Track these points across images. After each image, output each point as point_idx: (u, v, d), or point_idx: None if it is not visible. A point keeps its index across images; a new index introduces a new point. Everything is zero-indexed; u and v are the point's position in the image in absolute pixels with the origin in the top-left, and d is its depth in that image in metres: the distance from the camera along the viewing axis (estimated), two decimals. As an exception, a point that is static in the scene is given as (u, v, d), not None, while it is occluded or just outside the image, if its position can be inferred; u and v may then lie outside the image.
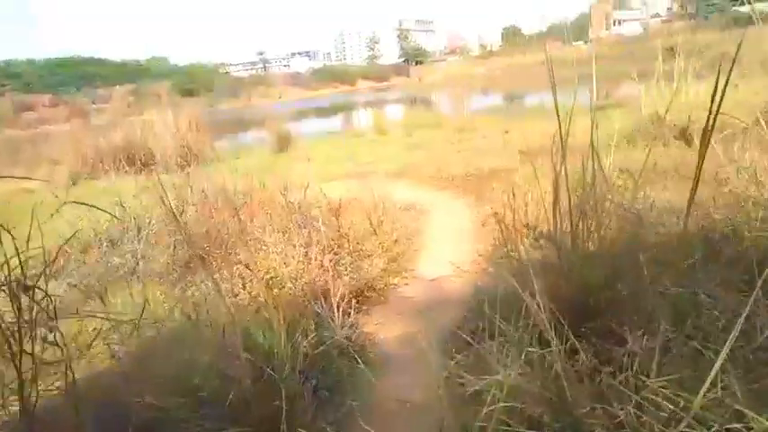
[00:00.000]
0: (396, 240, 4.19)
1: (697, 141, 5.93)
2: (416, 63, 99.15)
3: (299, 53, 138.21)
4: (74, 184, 11.52)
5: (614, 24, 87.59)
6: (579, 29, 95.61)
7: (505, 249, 3.73)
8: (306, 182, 7.26)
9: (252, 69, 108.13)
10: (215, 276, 2.97)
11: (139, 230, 4.40)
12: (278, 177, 8.25)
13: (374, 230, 4.11)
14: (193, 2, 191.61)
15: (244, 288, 3.10)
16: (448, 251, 4.12)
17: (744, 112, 6.66)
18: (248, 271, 3.08)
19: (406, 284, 3.51)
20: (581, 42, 79.12)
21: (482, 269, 3.60)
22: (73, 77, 68.63)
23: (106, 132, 13.81)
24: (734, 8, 64.54)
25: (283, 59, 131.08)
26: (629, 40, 59.20)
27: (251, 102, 68.59)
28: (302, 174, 8.60)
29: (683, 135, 6.01)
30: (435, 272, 3.68)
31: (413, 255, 4.06)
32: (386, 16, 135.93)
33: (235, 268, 3.23)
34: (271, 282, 3.12)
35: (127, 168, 11.85)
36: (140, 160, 12.08)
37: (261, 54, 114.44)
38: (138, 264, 3.91)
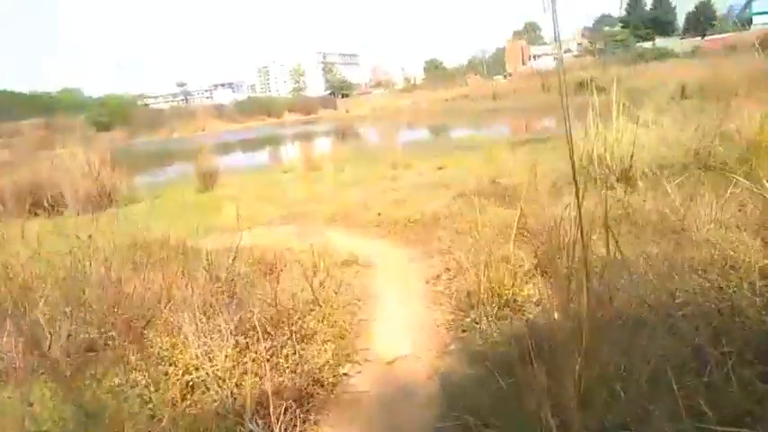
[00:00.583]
0: (341, 307, 3.63)
1: (641, 183, 5.85)
2: (343, 96, 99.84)
3: (222, 85, 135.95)
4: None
5: (530, 59, 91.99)
6: (497, 63, 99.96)
7: (469, 319, 3.29)
8: (231, 226, 6.63)
9: (173, 101, 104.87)
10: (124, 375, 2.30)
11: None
12: (201, 220, 7.55)
13: (316, 298, 3.54)
14: (108, 31, 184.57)
15: (157, 390, 2.44)
16: (401, 320, 3.60)
17: (680, 150, 6.66)
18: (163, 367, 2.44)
19: (359, 372, 2.91)
20: (500, 77, 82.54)
21: (444, 346, 3.10)
22: (-27, 110, 63.54)
23: (12, 170, 12.48)
24: (638, 44, 69.69)
25: (206, 91, 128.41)
26: (544, 73, 62.07)
27: (173, 135, 66.19)
28: (228, 216, 7.94)
29: (626, 177, 5.86)
30: (390, 351, 3.12)
31: (362, 328, 3.48)
32: (309, 48, 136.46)
33: (146, 363, 2.57)
34: (190, 385, 2.48)
35: (35, 211, 10.65)
36: (48, 201, 10.87)
37: (182, 85, 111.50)
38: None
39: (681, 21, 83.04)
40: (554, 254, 2.89)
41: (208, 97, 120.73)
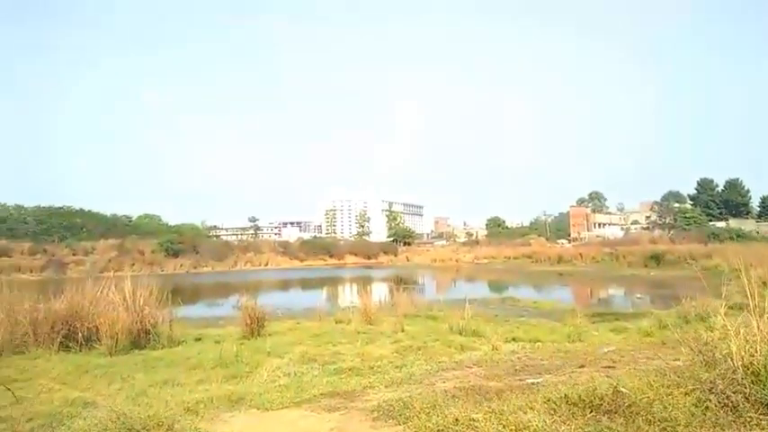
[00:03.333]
0: None
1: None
2: (405, 243, 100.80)
3: (291, 223, 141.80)
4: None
5: (595, 227, 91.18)
6: (560, 226, 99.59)
7: None
8: (262, 401, 5.30)
9: (242, 234, 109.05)
10: None
11: None
12: (231, 386, 6.28)
13: None
14: (192, 166, 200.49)
15: None
16: None
17: None
18: None
19: None
20: (564, 241, 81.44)
21: None
22: (59, 227, 67.13)
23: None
24: (711, 223, 67.90)
25: (275, 228, 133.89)
26: (611, 242, 60.61)
27: (236, 266, 67.54)
28: (263, 383, 6.65)
29: None
30: None
31: None
32: (376, 196, 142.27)
33: None
34: None
35: (68, 344, 9.79)
36: (82, 334, 10.02)
37: (253, 221, 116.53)
38: None
39: (755, 203, 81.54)
40: None
41: (276, 233, 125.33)
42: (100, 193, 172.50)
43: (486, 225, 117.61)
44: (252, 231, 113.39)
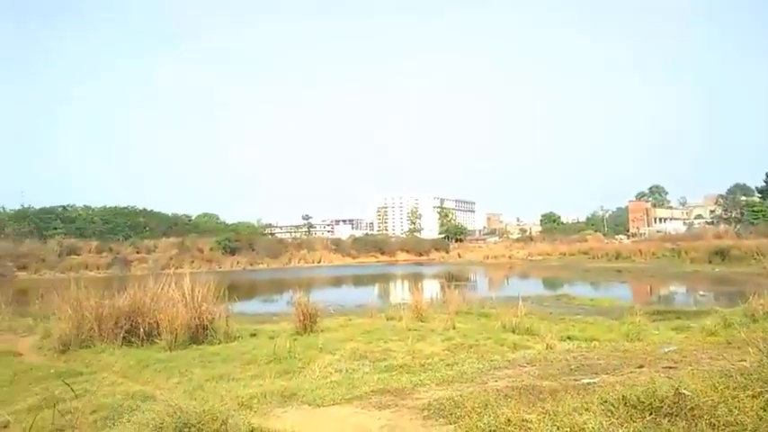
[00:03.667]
0: None
1: None
2: (456, 240, 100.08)
3: (344, 221, 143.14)
4: (63, 351, 9.88)
5: (655, 222, 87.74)
6: (617, 222, 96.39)
7: None
8: (315, 396, 5.34)
9: (296, 232, 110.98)
10: None
11: None
12: (283, 381, 6.38)
13: None
14: (249, 166, 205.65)
15: None
16: None
17: None
18: None
19: None
20: (622, 236, 78.78)
21: None
22: (124, 226, 70.76)
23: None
24: (782, 215, 64.06)
25: (328, 225, 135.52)
26: (673, 237, 58.16)
27: (291, 263, 68.90)
28: (314, 379, 6.71)
29: None
30: None
31: None
32: (428, 192, 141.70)
33: None
34: None
35: (131, 338, 10.25)
36: (144, 329, 10.45)
37: (307, 218, 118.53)
38: None
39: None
40: None
41: (329, 231, 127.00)
42: (162, 194, 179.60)
43: (541, 221, 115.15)
44: (305, 229, 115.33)
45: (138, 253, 62.12)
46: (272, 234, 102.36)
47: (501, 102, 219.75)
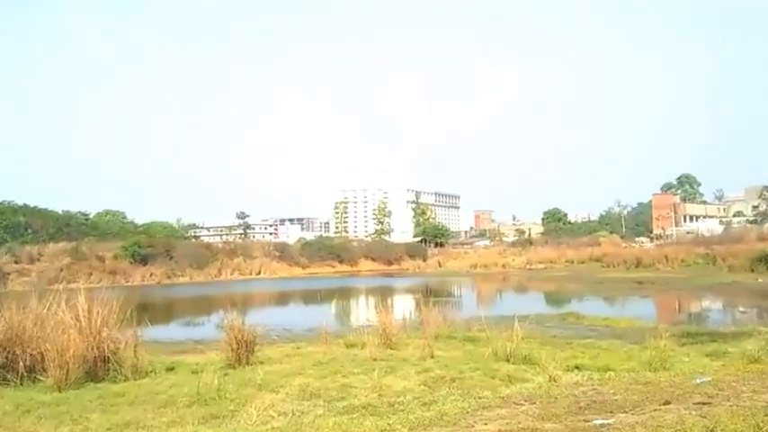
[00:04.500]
0: None
1: None
2: (436, 244, 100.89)
3: (291, 220, 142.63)
4: None
5: (685, 220, 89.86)
6: (639, 221, 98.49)
7: None
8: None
9: (229, 235, 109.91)
10: None
11: None
12: None
13: None
14: (166, 153, 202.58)
15: None
16: None
17: None
18: None
19: None
20: (644, 239, 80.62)
21: None
22: (-2, 228, 68.51)
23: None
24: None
25: (270, 226, 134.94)
26: (706, 240, 59.75)
27: (221, 275, 68.33)
28: (251, 430, 6.67)
29: None
30: None
31: None
32: (400, 183, 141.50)
33: None
34: None
35: (6, 375, 9.96)
36: (24, 364, 10.17)
37: (242, 217, 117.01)
38: None
39: None
40: None
41: (272, 233, 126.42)
42: (50, 187, 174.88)
43: (543, 220, 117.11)
44: (241, 231, 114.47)
45: (16, 263, 60.48)
46: (196, 237, 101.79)
47: (493, 73, 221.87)
